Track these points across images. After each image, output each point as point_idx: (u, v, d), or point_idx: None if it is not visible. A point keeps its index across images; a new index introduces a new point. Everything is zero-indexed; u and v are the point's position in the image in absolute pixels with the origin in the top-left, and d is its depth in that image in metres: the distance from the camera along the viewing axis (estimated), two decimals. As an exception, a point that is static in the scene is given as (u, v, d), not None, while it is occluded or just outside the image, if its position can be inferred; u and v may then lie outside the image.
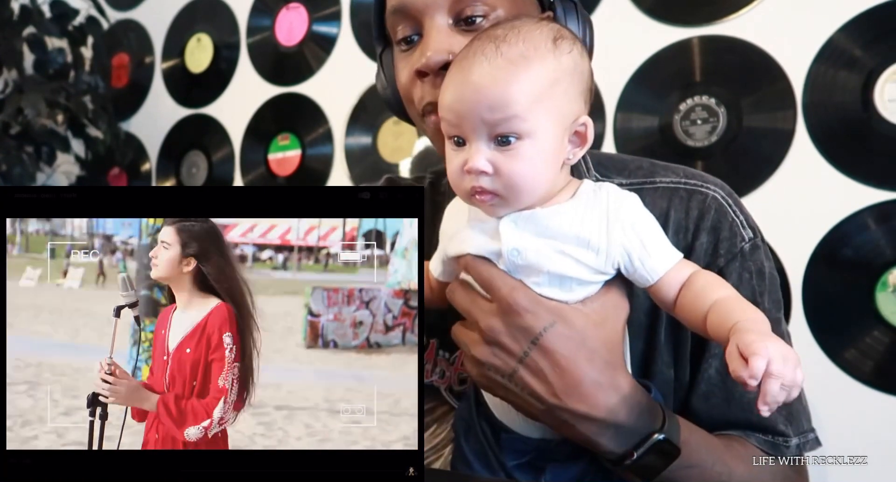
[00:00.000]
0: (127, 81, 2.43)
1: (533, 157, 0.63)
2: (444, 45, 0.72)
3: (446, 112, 0.65)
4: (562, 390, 0.63)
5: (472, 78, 0.63)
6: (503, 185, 0.63)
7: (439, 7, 0.73)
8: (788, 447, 0.74)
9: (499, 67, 0.63)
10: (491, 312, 0.66)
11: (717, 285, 0.63)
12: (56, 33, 2.21)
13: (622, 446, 0.65)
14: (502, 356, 0.65)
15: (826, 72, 1.35)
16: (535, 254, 0.64)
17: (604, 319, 0.65)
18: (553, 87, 0.64)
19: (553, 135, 0.64)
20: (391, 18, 0.77)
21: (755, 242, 0.76)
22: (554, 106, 0.64)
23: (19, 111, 2.03)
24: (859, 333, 1.30)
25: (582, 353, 0.64)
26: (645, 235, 0.64)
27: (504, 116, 0.62)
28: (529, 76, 0.63)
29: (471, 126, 0.63)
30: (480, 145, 0.63)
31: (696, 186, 0.77)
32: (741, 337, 0.54)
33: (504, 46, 0.64)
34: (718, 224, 0.75)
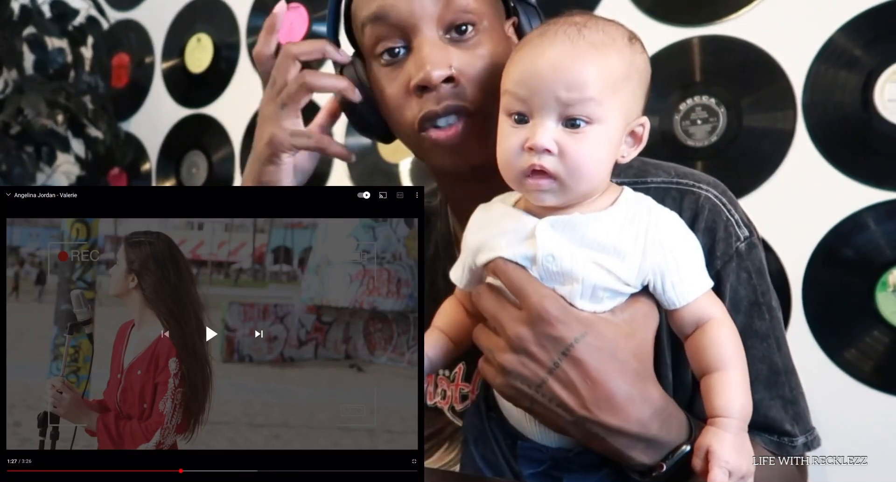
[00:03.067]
0: (127, 81, 2.42)
1: (600, 144, 0.63)
2: (444, 60, 0.71)
3: (515, 86, 0.63)
4: (593, 402, 0.62)
5: (552, 55, 0.62)
6: (566, 168, 0.61)
7: (429, 18, 0.71)
8: (795, 446, 0.73)
9: (581, 49, 0.62)
10: (520, 320, 0.64)
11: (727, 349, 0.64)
12: (56, 33, 2.21)
13: (652, 459, 0.64)
14: (531, 366, 0.63)
15: (826, 72, 1.35)
16: (571, 261, 0.62)
17: (634, 330, 0.64)
18: (626, 81, 0.64)
19: (618, 127, 0.64)
20: (370, 28, 0.74)
21: (751, 240, 0.75)
22: (625, 99, 0.64)
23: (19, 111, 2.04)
24: (859, 333, 1.30)
25: (613, 365, 0.62)
26: (682, 257, 0.64)
27: (581, 97, 0.61)
28: (609, 63, 0.62)
29: (541, 102, 0.62)
30: (548, 122, 0.62)
31: (688, 186, 0.76)
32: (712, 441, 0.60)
33: (586, 31, 0.63)
34: (713, 225, 0.74)
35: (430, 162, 0.80)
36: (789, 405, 0.73)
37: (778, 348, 0.73)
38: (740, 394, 0.62)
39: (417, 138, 0.75)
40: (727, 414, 0.61)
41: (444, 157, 0.76)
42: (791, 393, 0.74)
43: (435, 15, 0.71)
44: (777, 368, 0.73)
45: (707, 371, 0.64)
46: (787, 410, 0.73)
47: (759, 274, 0.74)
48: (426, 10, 0.71)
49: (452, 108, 0.72)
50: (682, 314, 0.65)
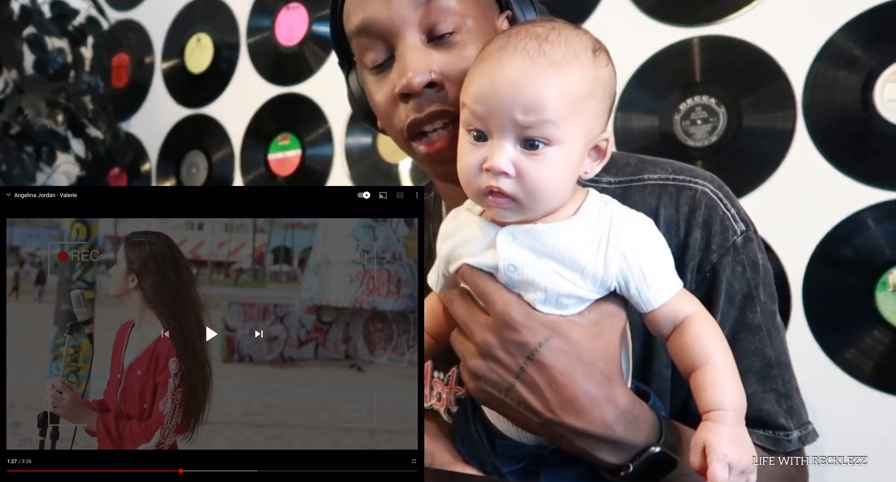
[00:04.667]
0: (127, 81, 2.42)
1: (559, 165, 0.61)
2: (424, 65, 0.70)
3: (474, 103, 0.62)
4: (558, 405, 0.63)
5: (511, 73, 0.60)
6: (524, 190, 0.61)
7: (409, 25, 0.71)
8: (790, 440, 0.73)
9: (541, 67, 0.60)
10: (486, 326, 0.65)
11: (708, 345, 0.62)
12: (56, 33, 2.21)
13: (619, 459, 0.64)
14: (498, 371, 0.64)
15: (826, 72, 1.35)
16: (532, 271, 0.63)
17: (600, 331, 0.64)
18: (588, 99, 0.62)
19: (579, 146, 0.63)
20: (357, 40, 0.75)
21: (748, 235, 0.75)
22: (586, 117, 0.62)
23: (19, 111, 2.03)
24: (859, 333, 1.30)
25: (578, 367, 0.63)
26: (645, 263, 0.63)
27: (538, 120, 0.60)
28: (570, 82, 0.61)
29: (499, 123, 0.61)
30: (505, 144, 0.61)
31: (685, 182, 0.76)
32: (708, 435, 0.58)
33: (547, 46, 0.61)
34: (710, 219, 0.74)
35: (423, 167, 0.82)
36: (783, 398, 0.73)
37: (770, 341, 0.74)
38: (731, 384, 0.61)
39: (409, 145, 0.76)
40: (720, 406, 0.60)
41: (432, 167, 0.78)
42: (784, 386, 0.74)
43: (416, 20, 0.71)
44: (769, 361, 0.73)
45: (693, 368, 0.63)
46: (780, 404, 0.73)
47: (754, 267, 0.75)
48: (406, 17, 0.71)
49: (437, 114, 0.72)
50: (657, 317, 0.64)
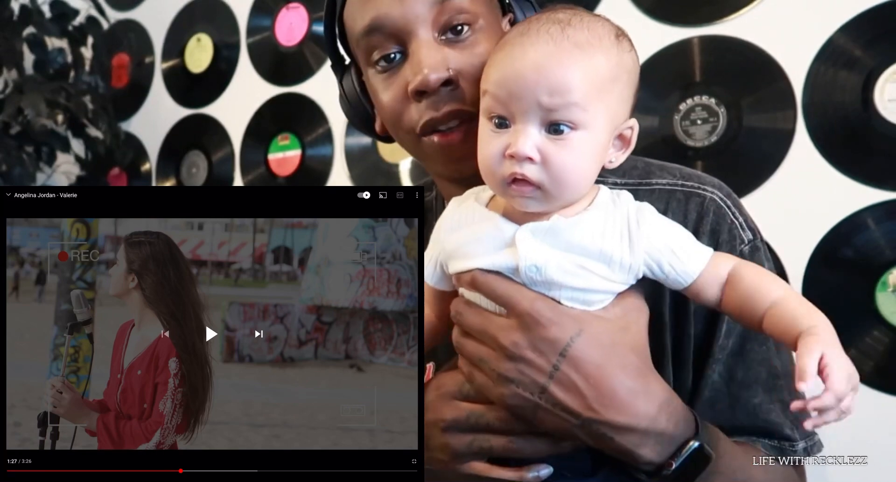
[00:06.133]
0: (127, 81, 2.42)
1: (585, 150, 0.60)
2: (440, 62, 0.69)
3: (496, 87, 0.61)
4: (597, 401, 0.60)
5: (535, 56, 0.59)
6: (550, 176, 0.59)
7: (423, 21, 0.70)
8: (795, 451, 0.73)
9: (565, 50, 0.59)
10: (511, 327, 0.61)
11: (767, 284, 0.61)
12: (56, 33, 2.20)
13: (662, 456, 0.62)
14: (529, 372, 0.61)
15: (826, 72, 1.35)
16: (557, 271, 0.60)
17: (628, 324, 0.63)
18: (613, 83, 0.61)
19: (605, 131, 0.61)
20: (366, 40, 0.73)
21: (755, 244, 0.74)
22: (611, 102, 0.61)
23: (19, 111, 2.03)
24: (859, 333, 1.30)
25: (613, 361, 0.61)
26: (672, 240, 0.62)
27: (564, 102, 0.58)
28: (595, 65, 0.59)
29: (523, 107, 0.59)
30: (530, 129, 0.59)
31: (693, 188, 0.75)
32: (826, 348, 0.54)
33: (570, 30, 0.60)
34: (717, 227, 0.73)
35: (430, 167, 0.80)
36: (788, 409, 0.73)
37: (777, 351, 0.73)
38: (812, 307, 0.59)
39: (418, 143, 0.74)
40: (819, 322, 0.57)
41: (445, 164, 0.75)
42: (790, 396, 0.73)
43: (429, 18, 0.70)
44: (776, 372, 0.73)
45: (762, 311, 0.60)
46: (786, 414, 0.72)
47: None
48: (421, 15, 0.70)
49: (454, 114, 0.70)
50: (700, 285, 0.63)
